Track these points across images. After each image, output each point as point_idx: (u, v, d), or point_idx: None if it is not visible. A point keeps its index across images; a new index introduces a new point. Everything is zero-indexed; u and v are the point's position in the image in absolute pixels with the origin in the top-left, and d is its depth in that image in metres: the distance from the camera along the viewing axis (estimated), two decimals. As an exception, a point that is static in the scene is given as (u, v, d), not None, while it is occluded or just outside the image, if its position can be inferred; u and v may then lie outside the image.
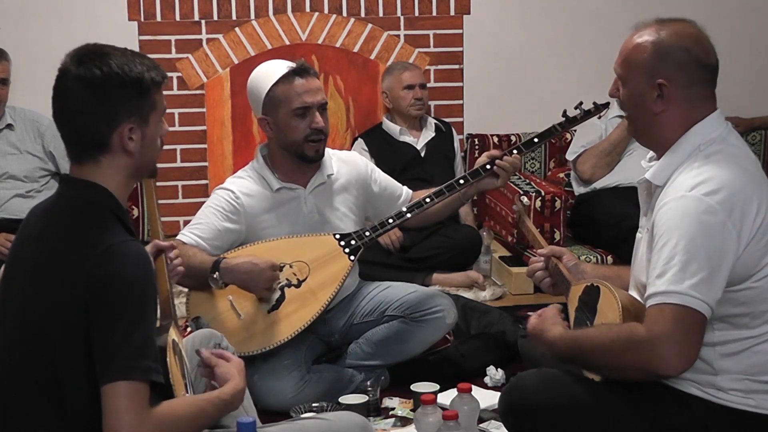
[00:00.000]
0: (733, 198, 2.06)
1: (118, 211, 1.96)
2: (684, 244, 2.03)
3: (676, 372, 2.04)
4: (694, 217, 2.04)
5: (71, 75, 1.92)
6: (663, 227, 2.08)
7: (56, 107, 1.97)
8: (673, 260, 2.03)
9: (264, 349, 3.12)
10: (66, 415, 1.86)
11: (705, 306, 2.02)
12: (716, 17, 5.08)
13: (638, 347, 2.03)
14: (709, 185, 2.07)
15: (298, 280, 3.19)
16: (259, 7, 4.98)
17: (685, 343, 2.01)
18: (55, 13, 4.80)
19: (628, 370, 2.09)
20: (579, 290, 2.45)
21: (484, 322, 3.68)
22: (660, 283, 2.04)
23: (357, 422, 2.31)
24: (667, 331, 2.00)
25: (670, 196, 2.11)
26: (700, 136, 2.18)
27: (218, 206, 3.25)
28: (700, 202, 2.05)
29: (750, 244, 2.07)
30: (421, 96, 4.81)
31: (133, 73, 1.93)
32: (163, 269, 2.32)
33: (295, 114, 3.23)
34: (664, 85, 2.17)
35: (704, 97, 2.20)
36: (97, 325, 1.82)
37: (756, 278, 2.10)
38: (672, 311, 2.01)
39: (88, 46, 1.98)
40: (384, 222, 3.28)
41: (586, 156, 4.66)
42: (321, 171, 3.35)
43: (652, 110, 2.20)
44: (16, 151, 4.35)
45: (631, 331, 2.07)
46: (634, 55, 2.22)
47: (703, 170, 2.11)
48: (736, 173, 2.10)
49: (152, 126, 1.99)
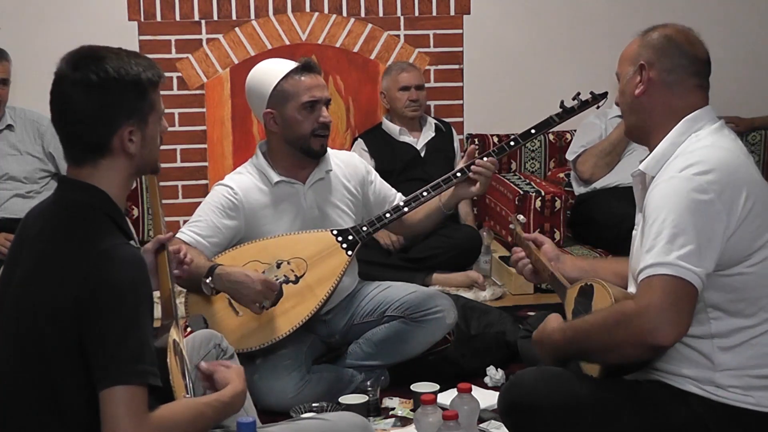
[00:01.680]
0: (723, 180, 2.09)
1: (113, 214, 1.95)
2: (672, 218, 2.05)
3: (669, 341, 2.03)
4: (684, 195, 2.07)
5: (68, 80, 1.91)
6: (653, 206, 2.12)
7: (54, 112, 1.96)
8: (661, 234, 2.05)
9: (263, 344, 3.12)
10: (63, 418, 1.86)
11: (694, 276, 2.02)
12: (716, 17, 5.08)
13: (629, 320, 2.04)
14: (701, 166, 2.10)
15: (296, 277, 3.19)
16: (259, 7, 4.98)
17: (675, 311, 2.01)
18: (55, 13, 4.80)
19: (621, 347, 2.09)
20: (574, 292, 2.46)
21: (484, 322, 3.68)
22: (648, 257, 2.06)
23: (357, 422, 2.30)
24: (656, 301, 2.01)
25: (662, 178, 2.16)
26: (692, 127, 2.22)
27: (217, 203, 3.25)
28: (690, 180, 2.08)
29: (740, 228, 2.08)
30: (417, 98, 4.80)
31: (130, 76, 1.92)
32: (165, 266, 2.29)
33: (303, 108, 3.24)
34: (643, 66, 2.25)
35: (688, 86, 2.25)
36: (91, 330, 1.81)
37: (748, 264, 2.12)
38: (660, 281, 2.03)
39: (83, 49, 1.97)
40: (381, 216, 3.28)
41: (586, 156, 4.66)
42: (320, 167, 3.35)
43: (634, 93, 2.27)
44: (16, 152, 4.35)
45: (621, 308, 2.10)
46: (625, 51, 2.33)
47: (696, 154, 2.15)
48: (728, 158, 2.14)
49: (151, 126, 1.99)
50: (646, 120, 2.28)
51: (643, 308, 2.02)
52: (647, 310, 2.01)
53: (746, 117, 5.23)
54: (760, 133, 5.32)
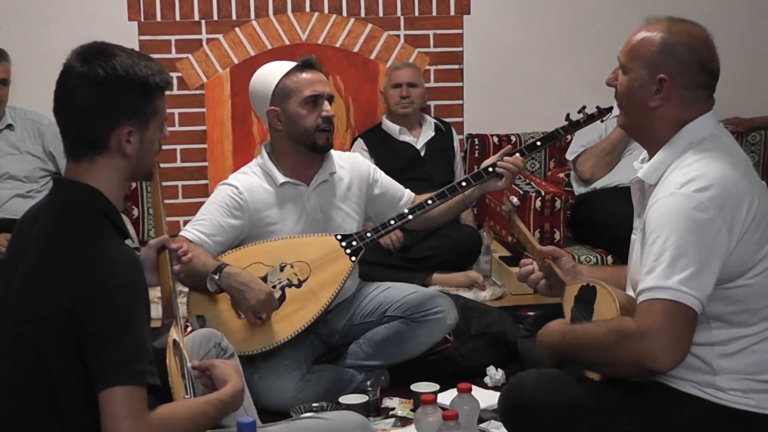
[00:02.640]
0: (724, 194, 2.07)
1: (109, 212, 1.94)
2: (673, 240, 2.04)
3: (667, 367, 2.03)
4: (684, 214, 2.05)
5: (75, 72, 1.91)
6: (653, 224, 2.09)
7: (57, 103, 1.96)
8: (663, 256, 2.04)
9: (264, 348, 3.12)
10: (62, 419, 1.86)
11: (695, 301, 2.02)
12: (716, 17, 5.07)
13: (628, 341, 2.03)
14: (700, 182, 2.08)
15: (299, 280, 3.19)
16: (259, 7, 4.98)
17: (676, 338, 2.01)
18: (55, 13, 4.80)
19: (618, 365, 2.09)
20: (574, 290, 2.45)
21: (484, 322, 3.68)
22: (649, 278, 2.04)
23: (357, 422, 2.30)
24: (657, 326, 2.00)
25: (661, 193, 2.13)
26: (691, 134, 2.19)
27: (221, 202, 3.25)
28: (691, 198, 2.06)
29: (742, 240, 2.07)
30: (408, 94, 4.79)
31: (138, 76, 1.92)
32: (166, 266, 2.29)
33: (305, 103, 3.24)
34: (664, 80, 2.18)
35: (701, 99, 2.21)
36: (87, 331, 1.81)
37: (750, 275, 2.11)
38: (661, 306, 2.01)
39: (95, 44, 1.97)
40: (386, 223, 3.28)
41: (586, 156, 4.66)
42: (324, 169, 3.35)
43: (649, 104, 2.21)
44: (16, 151, 4.35)
45: (621, 326, 2.08)
46: (640, 46, 2.23)
47: (694, 167, 2.12)
48: (727, 171, 2.11)
49: (152, 130, 1.99)
50: (653, 127, 2.23)
51: (644, 332, 2.01)
52: (648, 334, 2.00)
53: (746, 117, 5.23)
54: (760, 133, 5.32)
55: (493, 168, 3.24)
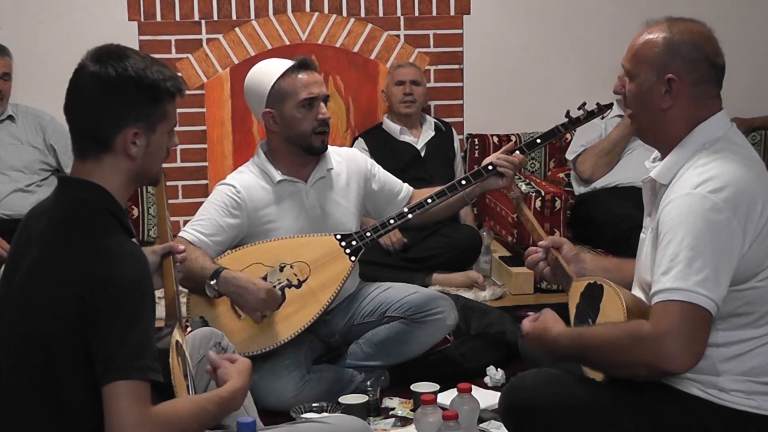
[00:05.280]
0: (738, 196, 2.06)
1: (115, 210, 1.95)
2: (689, 241, 2.02)
3: (683, 369, 2.02)
4: (700, 215, 2.04)
5: (87, 71, 1.94)
6: (668, 224, 2.08)
7: (68, 99, 1.98)
8: (678, 257, 2.02)
9: (264, 349, 3.12)
10: (65, 416, 1.86)
11: (711, 303, 2.01)
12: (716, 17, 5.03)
13: (644, 344, 2.02)
14: (715, 183, 2.06)
15: (299, 281, 3.19)
16: (259, 7, 4.98)
17: (692, 340, 2.00)
18: (55, 13, 4.79)
19: (633, 367, 2.08)
20: (581, 287, 2.44)
21: (484, 322, 3.68)
22: (665, 280, 2.03)
23: (358, 426, 2.30)
24: (674, 328, 1.99)
25: (675, 193, 2.11)
26: (705, 134, 2.18)
27: (220, 202, 3.25)
28: (706, 199, 2.05)
29: (755, 242, 2.07)
30: (411, 92, 4.78)
31: (148, 79, 1.94)
32: (170, 270, 2.31)
33: (301, 105, 3.24)
34: (673, 80, 2.17)
35: (710, 96, 2.20)
36: (94, 326, 1.82)
37: (760, 278, 2.10)
38: (678, 308, 2.00)
39: (111, 45, 1.99)
40: (385, 222, 3.28)
41: (586, 155, 4.66)
42: (321, 165, 3.36)
43: (660, 106, 2.19)
44: (16, 141, 4.36)
45: (636, 328, 2.06)
46: (644, 50, 2.21)
47: (708, 168, 2.11)
48: (741, 171, 2.10)
49: (159, 135, 1.99)
50: (666, 128, 2.21)
51: (660, 334, 2.00)
52: (664, 336, 1.99)
53: (746, 117, 5.22)
54: (760, 133, 5.31)
55: (493, 166, 3.24)
